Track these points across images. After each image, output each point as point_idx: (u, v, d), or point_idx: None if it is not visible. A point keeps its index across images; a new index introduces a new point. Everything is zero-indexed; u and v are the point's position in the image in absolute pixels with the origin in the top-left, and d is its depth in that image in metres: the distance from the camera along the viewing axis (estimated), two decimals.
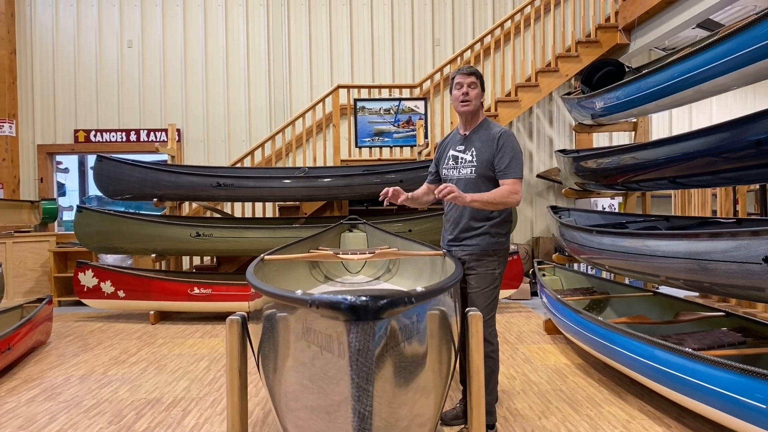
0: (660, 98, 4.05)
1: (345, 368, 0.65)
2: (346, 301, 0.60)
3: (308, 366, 0.83)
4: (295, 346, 0.94)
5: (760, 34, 3.16)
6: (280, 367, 1.09)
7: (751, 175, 3.27)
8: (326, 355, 0.73)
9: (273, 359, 1.19)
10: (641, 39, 7.35)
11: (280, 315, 1.07)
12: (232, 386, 1.50)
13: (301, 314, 0.89)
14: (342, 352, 0.66)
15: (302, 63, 8.79)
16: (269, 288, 1.01)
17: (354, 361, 0.63)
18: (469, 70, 3.06)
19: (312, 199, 6.93)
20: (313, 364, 0.81)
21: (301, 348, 0.89)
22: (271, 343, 1.19)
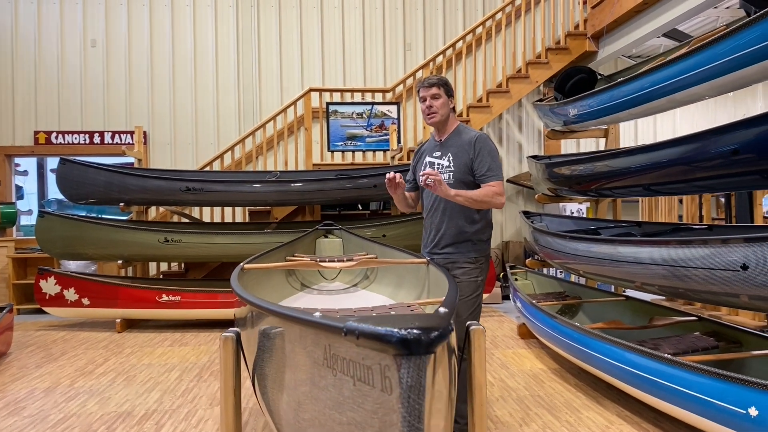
0: (634, 107, 4.12)
1: (392, 404, 0.61)
2: (397, 334, 0.56)
3: (331, 395, 0.79)
4: (313, 372, 0.89)
5: (729, 48, 3.24)
6: (290, 391, 1.04)
7: (723, 183, 3.34)
8: (362, 386, 0.68)
9: (279, 382, 1.14)
10: (610, 47, 7.49)
11: (292, 336, 1.02)
12: (227, 405, 1.44)
13: (322, 339, 0.84)
14: (388, 386, 0.62)
15: (272, 66, 8.68)
16: (288, 311, 0.96)
17: (405, 398, 0.59)
18: (430, 82, 3.03)
19: (284, 203, 6.84)
20: (340, 394, 0.77)
21: (322, 375, 0.85)
22: (276, 365, 1.14)
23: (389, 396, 0.61)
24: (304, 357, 0.95)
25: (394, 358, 0.59)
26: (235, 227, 7.12)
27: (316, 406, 0.88)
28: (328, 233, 5.08)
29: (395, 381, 0.60)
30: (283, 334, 1.06)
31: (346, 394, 0.75)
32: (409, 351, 0.57)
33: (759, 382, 2.45)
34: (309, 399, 0.92)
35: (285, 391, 1.08)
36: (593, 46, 7.78)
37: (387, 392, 0.62)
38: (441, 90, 3.05)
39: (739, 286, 2.71)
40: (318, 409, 0.87)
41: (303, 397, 0.95)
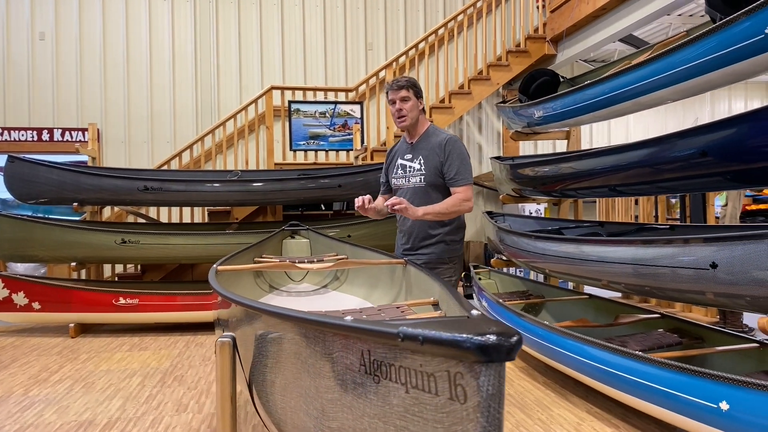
0: (599, 109, 4.21)
1: (467, 413, 0.58)
2: (476, 341, 0.54)
3: (372, 403, 0.75)
4: (344, 379, 0.84)
5: (694, 54, 3.34)
6: (310, 400, 0.99)
7: (686, 184, 3.45)
8: (419, 395, 0.65)
9: (293, 390, 1.09)
10: (568, 50, 7.65)
11: (315, 342, 0.97)
12: (224, 414, 1.38)
13: (358, 345, 0.80)
14: (460, 395, 0.58)
15: (231, 63, 8.52)
16: (317, 317, 0.91)
17: (485, 407, 0.56)
18: (399, 84, 2.99)
19: (245, 203, 6.71)
20: (384, 402, 0.73)
21: (358, 382, 0.80)
22: (290, 372, 1.09)
23: (462, 404, 0.58)
24: (330, 363, 0.91)
25: (472, 365, 0.56)
26: (194, 228, 6.94)
27: (348, 414, 0.84)
28: (295, 234, 5.00)
29: (472, 389, 0.57)
30: (301, 340, 1.01)
31: (395, 402, 0.71)
32: (490, 358, 0.54)
33: (730, 377, 2.52)
34: (338, 407, 0.88)
35: (304, 400, 1.04)
36: (552, 49, 7.93)
37: (459, 401, 0.59)
38: (410, 92, 3.02)
39: (708, 284, 2.79)
40: (352, 417, 0.83)
41: (329, 406, 0.91)
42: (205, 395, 3.90)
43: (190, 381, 4.22)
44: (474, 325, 0.57)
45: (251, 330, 1.32)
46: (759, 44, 2.84)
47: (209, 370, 4.51)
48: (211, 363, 4.70)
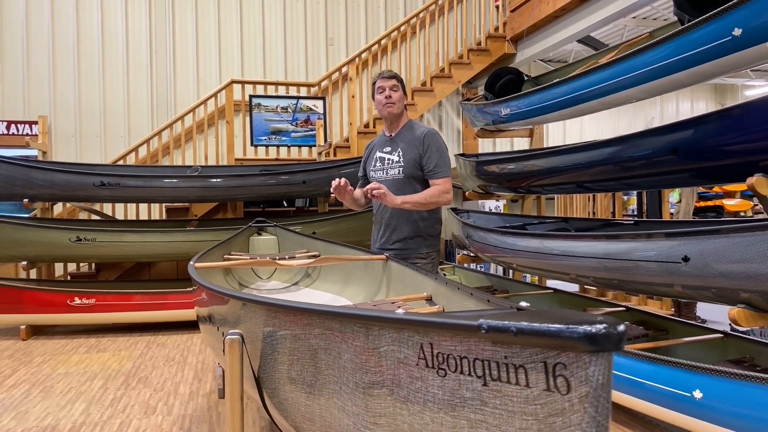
0: (566, 107, 4.29)
1: (573, 406, 0.56)
2: (585, 330, 0.52)
3: (438, 397, 0.73)
4: (396, 374, 0.82)
5: (662, 54, 3.44)
6: (348, 399, 0.96)
7: (655, 181, 3.56)
8: (503, 387, 0.63)
9: (323, 388, 1.05)
10: (528, 50, 7.78)
11: (355, 336, 0.94)
12: (234, 415, 1.33)
13: (416, 338, 0.77)
14: (562, 386, 0.57)
15: (188, 56, 8.30)
16: (369, 312, 0.87)
17: (595, 397, 0.55)
18: (390, 74, 3.06)
19: (206, 200, 6.55)
20: (453, 396, 0.71)
21: (416, 376, 0.78)
22: (320, 369, 1.05)
23: (564, 395, 0.57)
24: (376, 358, 0.88)
25: (579, 355, 0.55)
26: (152, 225, 6.73)
27: (402, 410, 0.81)
28: (262, 231, 4.91)
29: (578, 379, 0.56)
30: (334, 335, 0.98)
31: (468, 396, 0.69)
32: (601, 347, 0.54)
33: (702, 366, 2.61)
34: (388, 403, 0.85)
35: (338, 397, 1.00)
36: (512, 48, 8.05)
37: (560, 392, 0.57)
38: (399, 84, 3.08)
39: (679, 277, 2.88)
40: (408, 413, 0.80)
41: (374, 402, 0.88)
42: (173, 396, 3.78)
43: (156, 382, 4.09)
44: (566, 316, 0.56)
45: (266, 327, 1.27)
46: (726, 46, 2.95)
47: (174, 370, 4.38)
48: (176, 363, 4.57)
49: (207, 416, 3.42)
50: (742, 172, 2.76)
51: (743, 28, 2.83)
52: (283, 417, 1.26)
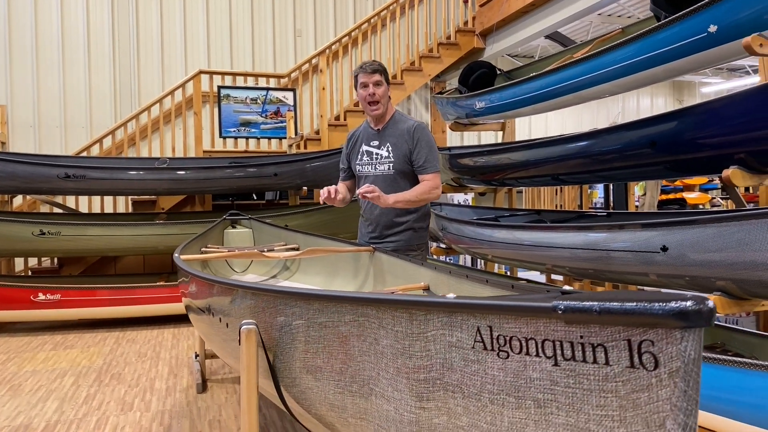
0: (541, 101, 4.36)
1: (662, 381, 0.57)
2: (677, 307, 0.53)
3: (499, 379, 0.73)
4: (448, 357, 0.81)
5: (637, 49, 3.53)
6: (390, 385, 0.95)
7: (627, 174, 3.65)
8: (578, 366, 0.64)
9: (359, 376, 1.04)
10: (497, 44, 7.86)
11: (396, 321, 0.93)
12: (250, 408, 1.31)
13: (473, 321, 0.77)
14: (651, 363, 0.58)
15: (152, 45, 8.09)
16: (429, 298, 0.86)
17: (686, 372, 0.56)
18: (373, 68, 2.96)
19: (175, 192, 6.42)
20: (517, 377, 0.71)
21: (472, 360, 0.78)
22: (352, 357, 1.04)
23: (651, 371, 0.58)
24: (423, 343, 0.88)
25: (670, 331, 0.56)
26: (117, 218, 6.56)
27: (456, 393, 0.82)
28: (236, 223, 4.84)
29: (668, 355, 0.57)
30: (371, 322, 0.97)
31: (535, 376, 0.70)
32: (693, 323, 0.55)
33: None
34: (437, 387, 0.85)
35: (376, 384, 1.00)
36: (481, 42, 8.12)
37: (646, 368, 0.59)
38: (382, 77, 3.01)
39: (657, 266, 2.97)
40: (462, 395, 0.81)
41: (422, 386, 0.88)
42: (150, 392, 3.71)
43: (130, 378, 4.00)
44: (641, 295, 0.58)
45: (284, 317, 1.26)
46: (702, 42, 3.04)
47: (148, 366, 4.29)
48: (149, 359, 4.48)
49: (187, 411, 3.36)
50: (718, 165, 2.86)
51: (719, 25, 2.92)
52: (304, 407, 1.25)
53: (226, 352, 1.74)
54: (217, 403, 3.50)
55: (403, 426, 0.93)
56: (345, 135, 7.53)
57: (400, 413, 0.93)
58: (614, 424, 0.62)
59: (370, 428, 1.02)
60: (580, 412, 0.65)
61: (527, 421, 0.71)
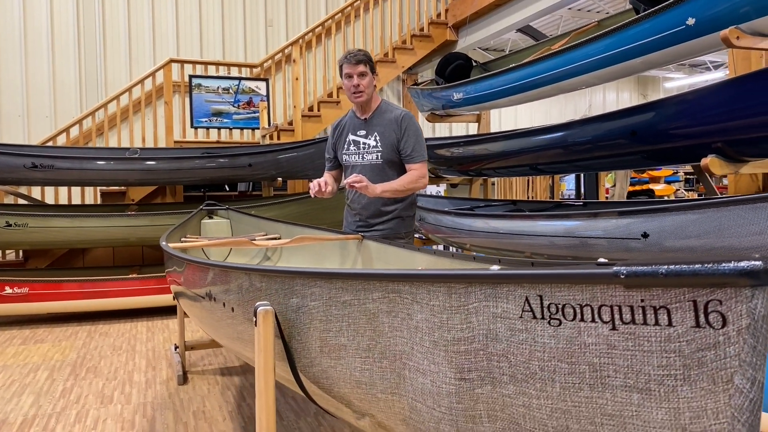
0: (520, 92, 4.41)
1: (730, 338, 0.59)
2: (747, 266, 0.55)
3: (552, 346, 0.74)
4: (498, 327, 0.82)
5: (617, 42, 3.61)
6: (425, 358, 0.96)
7: (607, 163, 3.73)
8: (639, 329, 0.65)
9: (389, 351, 1.05)
10: (470, 37, 7.91)
11: (432, 296, 0.94)
12: (267, 391, 1.30)
13: (519, 291, 0.79)
14: (719, 321, 0.60)
15: (119, 33, 7.88)
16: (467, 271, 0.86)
17: (756, 329, 0.58)
18: (357, 58, 2.92)
19: (147, 183, 6.29)
20: (571, 344, 0.73)
21: (523, 329, 0.79)
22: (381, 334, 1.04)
23: (718, 330, 0.60)
24: (463, 315, 0.89)
25: (738, 290, 0.58)
26: (86, 210, 6.40)
27: (501, 362, 0.83)
28: (213, 214, 4.77)
29: (736, 313, 0.59)
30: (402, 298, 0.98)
31: (591, 341, 0.72)
32: (763, 281, 0.57)
33: None
34: (480, 357, 0.86)
35: (411, 358, 1.00)
36: (454, 35, 8.17)
37: (712, 327, 0.61)
38: (367, 67, 2.98)
39: (636, 252, 3.05)
40: (509, 364, 0.82)
41: (462, 358, 0.89)
42: (129, 385, 3.64)
43: (107, 371, 3.92)
44: (698, 257, 0.60)
45: (300, 299, 1.25)
46: (680, 34, 3.13)
47: (124, 359, 4.21)
48: (124, 352, 4.40)
49: (169, 403, 3.32)
50: (696, 154, 2.95)
51: (696, 18, 3.01)
52: (323, 386, 1.25)
53: (231, 338, 1.72)
54: (200, 394, 3.46)
55: (441, 398, 0.94)
56: (319, 126, 7.51)
57: (438, 385, 0.94)
58: (677, 383, 0.65)
59: (402, 403, 1.03)
60: (640, 373, 0.67)
61: (581, 386, 0.73)
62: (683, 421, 0.64)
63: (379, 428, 1.19)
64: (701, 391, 0.63)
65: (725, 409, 0.61)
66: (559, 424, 0.77)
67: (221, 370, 3.95)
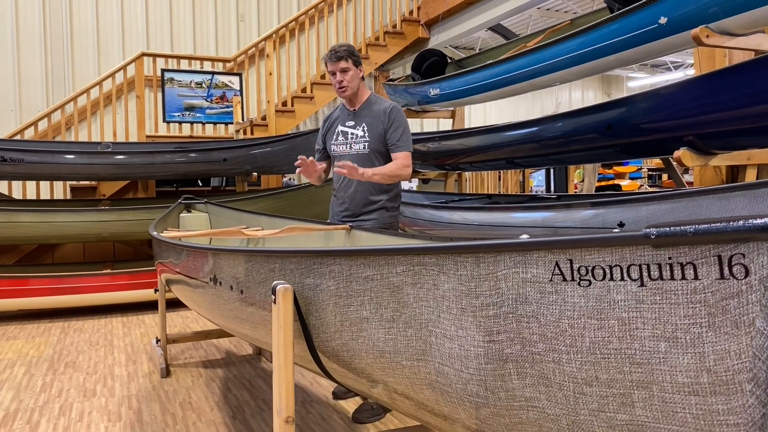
0: (496, 89, 4.52)
1: (752, 287, 0.66)
2: (765, 222, 0.63)
3: (582, 308, 0.81)
4: (527, 291, 0.89)
5: (591, 40, 3.74)
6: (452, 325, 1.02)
7: (583, 156, 3.87)
8: (670, 284, 0.72)
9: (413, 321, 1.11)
10: (442, 35, 8.02)
11: (460, 266, 1.00)
12: (287, 369, 1.34)
13: (548, 256, 0.85)
14: (741, 272, 0.67)
15: (87, 26, 7.73)
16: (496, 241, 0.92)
17: None
18: (338, 55, 2.97)
19: (120, 178, 6.20)
20: (599, 302, 0.80)
21: (553, 290, 0.86)
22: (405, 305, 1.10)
23: (741, 279, 0.68)
24: (492, 282, 0.96)
25: (761, 243, 0.66)
26: (56, 205, 6.28)
27: (531, 322, 0.90)
28: (191, 208, 4.75)
29: (759, 264, 0.67)
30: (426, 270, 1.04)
31: (619, 298, 0.79)
32: None
33: None
34: (509, 320, 0.93)
35: (437, 325, 1.07)
36: (426, 33, 8.26)
37: (736, 278, 0.68)
38: (349, 62, 3.03)
39: None
40: (539, 324, 0.89)
41: (491, 321, 0.96)
42: (111, 378, 3.62)
43: (86, 366, 3.89)
44: (731, 216, 0.68)
45: (320, 276, 1.30)
46: (653, 33, 3.27)
47: (103, 354, 4.17)
48: (102, 347, 4.35)
49: (154, 395, 3.31)
50: (669, 147, 3.09)
51: (669, 17, 3.15)
52: (344, 360, 1.30)
53: (238, 319, 1.76)
54: (184, 386, 3.47)
55: (470, 360, 1.00)
56: (293, 122, 7.51)
57: (466, 349, 1.01)
58: (702, 330, 0.73)
59: (429, 367, 1.10)
60: (667, 323, 0.75)
61: (610, 338, 0.81)
62: (708, 364, 0.72)
63: (394, 395, 1.25)
64: (725, 335, 0.71)
65: (747, 350, 0.69)
66: (588, 376, 0.84)
67: (203, 362, 3.95)
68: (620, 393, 0.81)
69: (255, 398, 3.24)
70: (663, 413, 0.77)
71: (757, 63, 2.90)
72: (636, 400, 0.80)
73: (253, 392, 3.34)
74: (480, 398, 1.00)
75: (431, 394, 1.11)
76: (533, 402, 0.92)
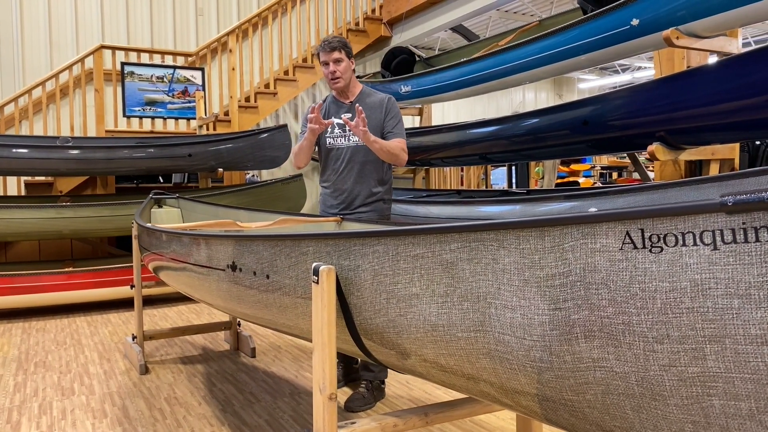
0: (468, 86, 4.63)
1: None
2: None
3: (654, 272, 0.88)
4: (595, 261, 0.95)
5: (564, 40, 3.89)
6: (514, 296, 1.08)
7: (559, 151, 4.02)
8: (744, 247, 0.80)
9: (472, 294, 1.16)
10: (404, 34, 8.10)
11: (522, 240, 1.06)
12: (331, 342, 1.38)
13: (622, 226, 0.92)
14: None
15: (38, 18, 7.44)
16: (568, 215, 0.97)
17: None
18: (331, 46, 2.98)
19: (80, 173, 6.01)
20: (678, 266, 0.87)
21: (622, 258, 0.93)
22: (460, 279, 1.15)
23: None
24: (558, 254, 1.02)
25: None
26: (9, 201, 6.03)
27: (598, 290, 0.97)
28: (162, 203, 4.66)
29: None
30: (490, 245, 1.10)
31: (692, 262, 0.87)
32: None
33: None
34: (576, 288, 1.00)
35: (496, 296, 1.12)
36: (388, 31, 8.33)
37: None
38: (343, 53, 3.05)
39: None
40: (607, 291, 0.96)
41: (557, 290, 1.02)
42: (87, 377, 3.53)
43: (58, 365, 3.78)
44: None
45: (363, 257, 1.34)
46: (624, 34, 3.43)
47: (73, 353, 4.06)
48: (70, 346, 4.23)
49: (137, 392, 3.26)
50: (642, 142, 3.26)
51: (640, 19, 3.32)
52: (388, 338, 1.34)
53: (260, 305, 1.77)
54: (166, 382, 3.42)
55: (533, 328, 1.07)
56: (256, 117, 7.45)
57: (529, 318, 1.07)
58: None
59: (488, 338, 1.15)
60: (740, 282, 0.83)
61: (682, 299, 0.89)
62: None
63: (442, 368, 1.31)
64: None
65: None
66: (659, 334, 0.92)
67: (181, 359, 3.90)
68: (692, 348, 0.89)
69: (242, 391, 3.24)
70: (735, 363, 0.86)
71: (724, 64, 3.10)
72: (708, 353, 0.88)
73: (239, 386, 3.33)
74: (543, 363, 1.06)
75: (488, 363, 1.17)
76: (600, 362, 1.00)
